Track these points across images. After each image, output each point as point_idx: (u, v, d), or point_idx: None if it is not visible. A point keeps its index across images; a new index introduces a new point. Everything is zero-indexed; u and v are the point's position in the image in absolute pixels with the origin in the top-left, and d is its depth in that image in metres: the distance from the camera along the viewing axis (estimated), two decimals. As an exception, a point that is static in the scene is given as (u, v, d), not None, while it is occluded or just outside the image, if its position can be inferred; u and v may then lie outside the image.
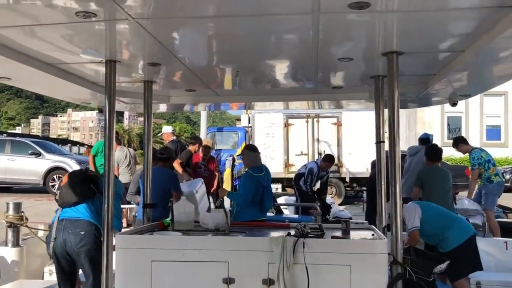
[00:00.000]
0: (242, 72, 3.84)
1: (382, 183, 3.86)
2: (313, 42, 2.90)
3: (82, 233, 3.87)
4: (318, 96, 4.78)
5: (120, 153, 9.22)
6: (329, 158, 9.22)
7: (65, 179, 4.19)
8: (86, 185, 4.03)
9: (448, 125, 23.37)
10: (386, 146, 3.73)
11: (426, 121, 23.08)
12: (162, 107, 5.38)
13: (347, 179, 14.31)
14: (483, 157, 7.09)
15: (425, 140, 7.38)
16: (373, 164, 8.78)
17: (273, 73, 3.89)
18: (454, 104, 4.72)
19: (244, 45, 3.06)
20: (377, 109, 3.98)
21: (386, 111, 3.66)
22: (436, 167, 6.12)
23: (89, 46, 3.06)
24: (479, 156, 7.08)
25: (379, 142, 3.93)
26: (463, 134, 22.54)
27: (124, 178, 8.66)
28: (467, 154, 7.46)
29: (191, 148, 8.65)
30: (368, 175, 8.65)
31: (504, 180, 7.47)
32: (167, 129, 9.42)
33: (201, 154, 8.55)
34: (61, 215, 4.01)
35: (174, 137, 9.54)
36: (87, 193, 4.01)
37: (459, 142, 7.22)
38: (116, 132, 10.37)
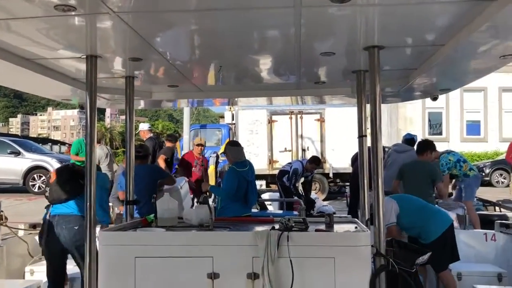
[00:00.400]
0: (224, 68, 3.83)
1: (365, 177, 3.89)
2: (295, 36, 2.91)
3: (76, 227, 4.01)
4: (301, 92, 4.79)
5: (100, 151, 9.16)
6: (315, 160, 9.25)
7: (53, 176, 4.23)
8: (75, 181, 4.08)
9: (429, 120, 23.70)
10: (368, 141, 3.77)
11: (407, 116, 23.36)
12: (144, 103, 5.33)
13: (331, 175, 14.42)
14: (451, 160, 7.20)
15: (410, 140, 7.53)
16: (354, 159, 8.89)
17: (256, 68, 3.89)
18: (434, 98, 4.79)
19: (226, 39, 3.05)
20: (359, 103, 4.01)
21: (368, 106, 3.71)
22: (416, 160, 6.21)
23: (69, 41, 3.01)
24: (446, 161, 7.20)
25: (361, 136, 3.96)
26: (444, 129, 22.92)
27: None
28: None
29: (168, 146, 8.63)
30: (351, 171, 8.75)
31: (482, 174, 7.62)
32: (144, 126, 9.43)
33: (195, 154, 8.53)
34: (53, 211, 4.12)
35: (151, 134, 9.52)
36: (77, 189, 4.06)
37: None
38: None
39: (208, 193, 5.21)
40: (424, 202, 4.85)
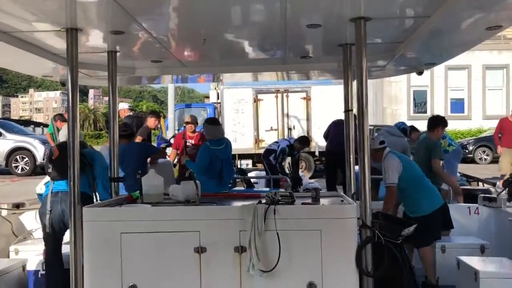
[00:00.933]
0: (209, 42, 3.76)
1: (351, 152, 3.90)
2: (281, 8, 2.86)
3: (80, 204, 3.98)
4: (287, 67, 4.75)
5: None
6: (304, 140, 9.24)
7: (55, 152, 4.23)
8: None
9: (414, 99, 23.87)
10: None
11: (392, 95, 23.49)
12: (127, 80, 5.24)
13: (317, 153, 14.48)
14: None
15: (403, 129, 7.66)
16: (326, 136, 8.94)
17: (241, 43, 3.83)
18: (420, 73, 4.79)
19: (210, 13, 2.98)
20: (345, 78, 3.99)
21: (355, 82, 3.69)
22: (425, 137, 6.29)
23: (47, 12, 2.91)
24: None
25: (347, 111, 3.96)
26: (428, 107, 23.12)
27: None
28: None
29: (150, 122, 8.54)
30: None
31: (465, 151, 7.72)
32: (123, 105, 9.45)
33: (188, 133, 8.43)
34: (55, 188, 4.20)
35: (131, 113, 9.48)
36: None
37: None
38: (61, 115, 10.49)
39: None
40: (424, 176, 4.91)
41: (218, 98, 17.88)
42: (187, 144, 7.99)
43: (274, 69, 4.93)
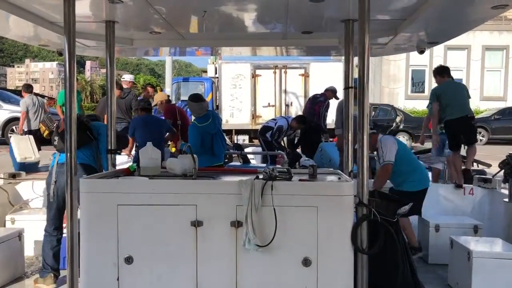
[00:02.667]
0: (209, 14, 3.68)
1: (349, 130, 3.88)
2: (284, -20, 2.79)
3: (84, 176, 4.06)
4: (288, 42, 4.68)
5: (28, 100, 10.15)
6: (301, 119, 9.20)
7: (62, 125, 4.31)
8: (83, 132, 4.30)
9: (412, 78, 23.74)
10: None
11: (391, 74, 23.37)
12: (125, 51, 5.16)
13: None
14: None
15: None
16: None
17: (241, 16, 3.76)
18: (421, 51, 4.74)
19: None
20: (346, 54, 3.94)
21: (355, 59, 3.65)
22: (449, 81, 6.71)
23: None
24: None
25: (347, 88, 3.92)
26: (426, 87, 23.02)
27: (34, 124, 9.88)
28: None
29: (146, 92, 8.53)
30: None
31: None
32: (130, 77, 9.40)
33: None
34: (61, 160, 4.26)
35: (128, 87, 9.46)
36: (85, 140, 4.35)
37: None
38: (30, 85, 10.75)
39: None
40: (414, 156, 5.11)
41: (216, 73, 17.74)
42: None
43: (274, 44, 4.86)
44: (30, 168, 8.12)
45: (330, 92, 9.45)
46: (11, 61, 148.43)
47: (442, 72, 6.82)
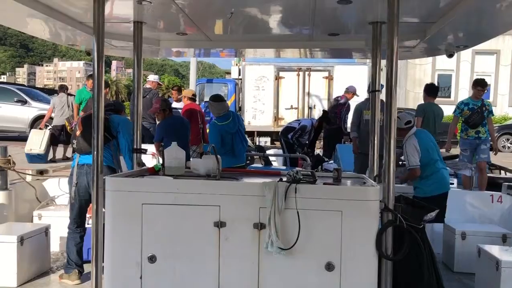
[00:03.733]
0: (235, 16, 3.69)
1: (375, 134, 3.84)
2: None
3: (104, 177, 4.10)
4: (313, 44, 4.66)
5: (56, 99, 10.71)
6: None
7: (79, 127, 4.38)
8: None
9: (438, 83, 23.31)
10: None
11: (416, 78, 23.00)
12: (151, 52, 5.21)
13: (336, 134, 14.35)
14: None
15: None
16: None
17: (267, 18, 3.76)
18: (450, 55, 4.66)
19: None
20: (373, 57, 3.89)
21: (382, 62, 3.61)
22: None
23: None
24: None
25: (374, 91, 3.87)
26: (453, 92, 22.60)
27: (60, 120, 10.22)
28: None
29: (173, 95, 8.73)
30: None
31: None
32: (155, 77, 9.83)
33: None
34: (81, 161, 4.35)
35: (150, 86, 9.75)
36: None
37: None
38: (63, 85, 11.05)
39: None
40: (439, 160, 5.01)
41: (239, 74, 17.79)
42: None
43: (299, 46, 4.85)
44: (36, 160, 8.60)
45: (351, 94, 9.39)
46: (40, 60, 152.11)
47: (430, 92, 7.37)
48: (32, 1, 3.26)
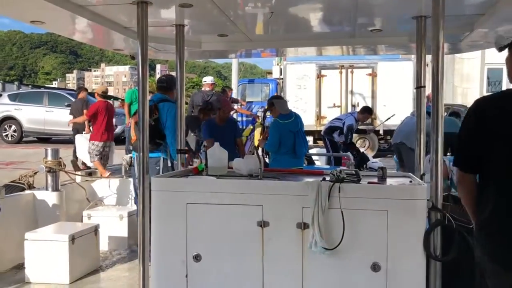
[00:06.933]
0: (276, 16, 3.68)
1: (422, 132, 3.74)
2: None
3: (158, 168, 4.92)
4: (355, 41, 4.58)
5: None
6: (368, 110, 9.03)
7: (133, 136, 4.95)
8: (153, 141, 4.71)
9: (488, 78, 22.38)
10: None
11: (464, 73, 22.18)
12: (193, 55, 5.29)
13: (381, 132, 14.08)
14: None
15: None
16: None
17: (309, 16, 3.73)
18: (501, 48, 4.44)
19: None
20: (418, 53, 3.78)
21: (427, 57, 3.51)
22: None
23: None
24: None
25: (419, 87, 3.76)
26: (503, 87, 21.64)
27: None
28: None
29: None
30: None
31: None
32: (211, 79, 10.23)
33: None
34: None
35: (207, 89, 9.96)
36: (154, 146, 4.88)
37: None
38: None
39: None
40: None
41: (280, 74, 17.76)
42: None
43: (341, 43, 4.78)
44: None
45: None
46: (88, 66, 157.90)
47: None
48: (80, 8, 3.38)
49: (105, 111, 8.45)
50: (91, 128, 9.04)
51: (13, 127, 16.96)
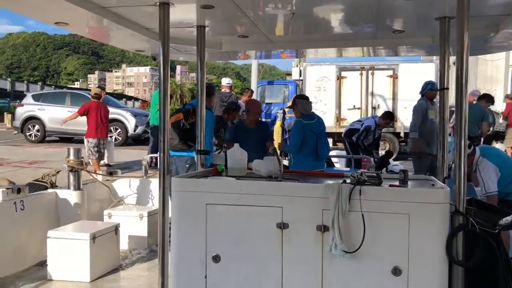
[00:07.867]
0: (297, 17, 3.67)
1: (446, 133, 3.68)
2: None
3: (187, 166, 5.50)
4: (377, 42, 4.54)
5: None
6: (388, 115, 8.94)
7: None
8: (184, 143, 5.51)
9: (512, 79, 21.93)
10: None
11: (488, 75, 21.75)
12: (213, 56, 5.31)
13: (402, 134, 13.91)
14: None
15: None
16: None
17: (329, 16, 3.71)
18: (527, 50, 4.38)
19: None
20: (442, 53, 3.73)
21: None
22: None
23: None
24: None
25: (443, 89, 3.70)
26: (529, 89, 21.14)
27: None
28: None
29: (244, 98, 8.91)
30: None
31: None
32: (229, 81, 10.31)
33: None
34: (171, 153, 5.06)
35: (226, 90, 10.00)
36: (185, 147, 5.53)
37: None
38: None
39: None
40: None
41: (300, 75, 17.70)
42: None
43: (362, 44, 4.74)
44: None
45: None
46: (109, 66, 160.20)
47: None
48: (103, 10, 3.42)
49: (96, 110, 9.58)
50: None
51: (37, 126, 17.29)
